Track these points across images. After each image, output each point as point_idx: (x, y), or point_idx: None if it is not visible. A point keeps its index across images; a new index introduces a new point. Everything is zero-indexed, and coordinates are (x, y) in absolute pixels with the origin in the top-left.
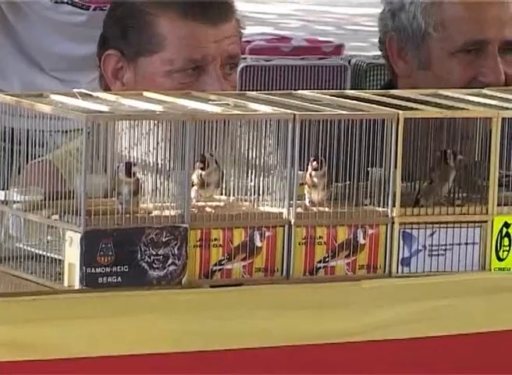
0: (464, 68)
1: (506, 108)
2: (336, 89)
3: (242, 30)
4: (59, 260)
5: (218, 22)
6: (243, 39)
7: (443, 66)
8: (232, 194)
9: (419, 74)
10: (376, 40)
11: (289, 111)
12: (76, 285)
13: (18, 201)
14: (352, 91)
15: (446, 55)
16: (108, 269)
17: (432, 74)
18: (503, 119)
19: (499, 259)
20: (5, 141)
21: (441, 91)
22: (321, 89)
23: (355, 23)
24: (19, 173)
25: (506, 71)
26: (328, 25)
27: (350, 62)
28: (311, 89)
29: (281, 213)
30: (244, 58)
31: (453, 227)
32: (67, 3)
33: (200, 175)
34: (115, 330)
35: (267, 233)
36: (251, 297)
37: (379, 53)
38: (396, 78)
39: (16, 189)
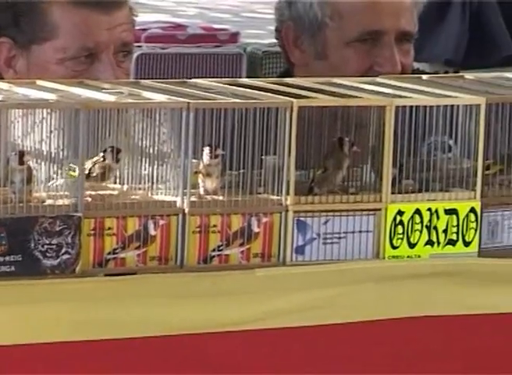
0: (360, 58)
1: (400, 97)
2: (232, 77)
3: (135, 18)
4: None
5: (111, 9)
6: (139, 27)
7: (339, 55)
8: (126, 183)
9: (315, 64)
10: (273, 27)
11: (182, 99)
12: None
13: None
14: (246, 80)
15: (342, 44)
16: (1, 259)
17: (328, 64)
18: (397, 107)
19: (393, 247)
20: None
21: (335, 80)
22: (217, 77)
23: (252, 10)
24: None
25: (402, 61)
26: (225, 12)
27: (245, 50)
28: (206, 77)
29: (175, 202)
30: (140, 46)
31: (347, 215)
32: None
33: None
34: (8, 319)
35: (161, 222)
36: (145, 286)
37: (275, 41)
38: (293, 67)
39: None
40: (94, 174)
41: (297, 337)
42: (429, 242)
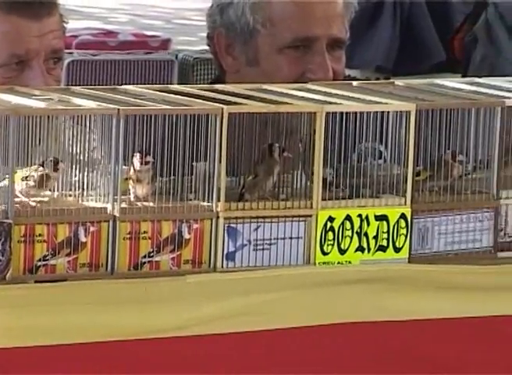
0: (291, 64)
1: (331, 103)
2: (163, 83)
3: (65, 25)
4: None
5: (42, 16)
6: (70, 34)
7: (271, 62)
8: (56, 190)
9: (247, 70)
10: (204, 34)
11: (113, 106)
12: None
13: None
14: (177, 86)
15: (274, 51)
16: None
17: (260, 70)
18: (327, 113)
19: (324, 253)
20: None
21: (265, 86)
22: (149, 83)
23: (184, 17)
24: None
25: (334, 67)
26: (157, 19)
27: (177, 56)
28: (138, 84)
29: (105, 208)
30: (71, 53)
31: (278, 222)
32: None
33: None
34: None
35: (91, 229)
36: (76, 292)
37: (207, 48)
38: (224, 74)
39: None
40: (32, 183)
41: (227, 344)
42: (360, 248)
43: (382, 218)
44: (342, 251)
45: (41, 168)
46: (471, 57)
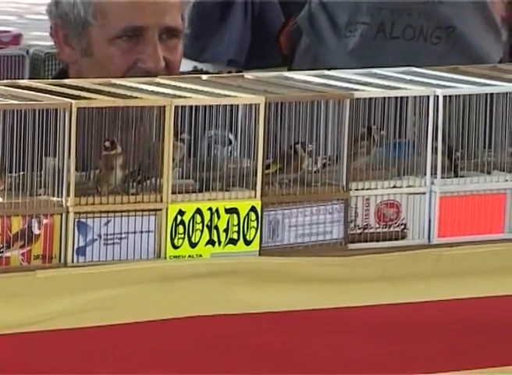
0: (123, 54)
1: (180, 97)
2: (15, 79)
3: None
4: None
5: None
6: None
7: (104, 53)
8: None
9: (84, 61)
10: None
11: None
12: None
13: None
14: (26, 81)
15: (106, 42)
16: None
17: (94, 61)
18: (176, 107)
19: (175, 247)
20: None
21: (114, 80)
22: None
23: (36, 12)
24: None
25: (168, 57)
26: (10, 14)
27: (28, 51)
28: None
29: None
30: None
31: (128, 216)
32: None
33: None
34: None
35: None
36: None
37: None
38: (68, 65)
39: None
40: None
41: (78, 338)
42: (210, 242)
43: (232, 211)
44: (192, 245)
45: None
46: (296, 48)
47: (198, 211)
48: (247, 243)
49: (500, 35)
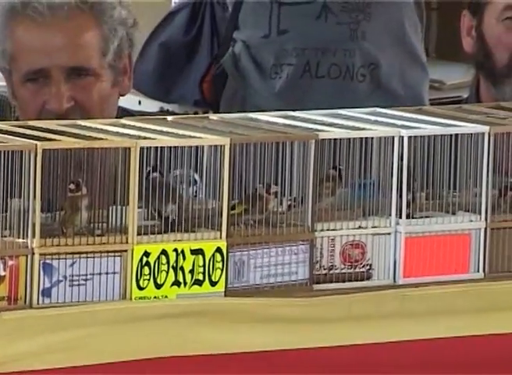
0: (32, 97)
1: (145, 138)
2: None
3: None
4: None
5: None
6: None
7: (19, 96)
8: None
9: (16, 105)
10: None
11: None
12: None
13: None
14: None
15: (20, 85)
16: None
17: (18, 105)
18: (142, 148)
19: (140, 288)
20: None
21: (80, 122)
22: None
23: None
24: None
25: (77, 97)
26: None
27: None
28: None
29: None
30: None
31: (93, 257)
32: None
33: None
34: None
35: None
36: None
37: None
38: None
39: None
40: None
41: None
42: (176, 283)
43: (197, 252)
44: (158, 286)
45: None
46: (222, 92)
47: (164, 252)
48: (213, 284)
49: (425, 68)
